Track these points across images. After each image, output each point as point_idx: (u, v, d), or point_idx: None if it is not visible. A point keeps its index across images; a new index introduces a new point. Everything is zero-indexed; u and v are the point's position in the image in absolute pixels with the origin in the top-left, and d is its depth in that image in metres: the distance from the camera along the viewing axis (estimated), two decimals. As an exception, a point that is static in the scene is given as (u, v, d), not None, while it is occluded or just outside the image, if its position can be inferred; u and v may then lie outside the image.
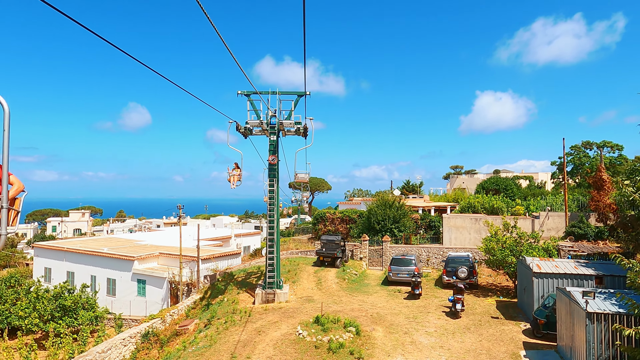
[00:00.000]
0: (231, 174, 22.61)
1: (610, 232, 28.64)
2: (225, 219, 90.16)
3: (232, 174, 22.62)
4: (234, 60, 12.93)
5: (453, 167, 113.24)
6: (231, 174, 22.60)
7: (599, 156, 36.62)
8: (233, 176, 22.53)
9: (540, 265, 19.03)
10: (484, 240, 24.48)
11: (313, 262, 30.51)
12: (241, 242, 49.31)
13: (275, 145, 23.48)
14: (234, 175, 22.57)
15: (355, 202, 57.46)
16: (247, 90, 23.73)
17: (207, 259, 31.34)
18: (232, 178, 22.52)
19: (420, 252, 31.44)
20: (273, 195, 22.91)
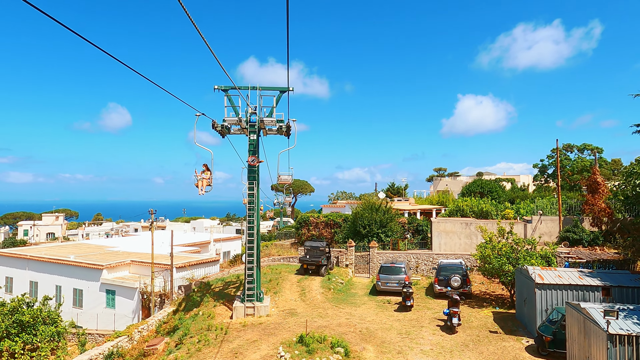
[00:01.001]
0: (199, 177, 19.95)
1: (605, 237, 27.58)
2: (206, 222, 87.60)
3: (200, 177, 19.93)
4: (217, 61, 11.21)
5: (436, 169, 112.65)
6: (199, 178, 19.90)
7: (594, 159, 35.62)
8: (202, 180, 19.85)
9: (542, 275, 17.60)
10: (479, 247, 23.02)
11: (296, 270, 28.67)
12: (221, 247, 47.18)
13: (255, 145, 21.60)
14: (203, 179, 19.92)
15: (339, 205, 55.87)
16: (224, 85, 21.84)
17: (182, 267, 29.21)
18: (200, 182, 19.80)
19: (409, 259, 29.90)
20: (253, 199, 21.01)
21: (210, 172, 20.25)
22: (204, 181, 19.94)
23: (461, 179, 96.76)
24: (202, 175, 20.03)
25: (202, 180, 19.91)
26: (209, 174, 20.18)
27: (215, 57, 11.65)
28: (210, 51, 10.68)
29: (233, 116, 21.15)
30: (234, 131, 22.59)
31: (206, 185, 20.01)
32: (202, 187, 19.88)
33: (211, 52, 10.63)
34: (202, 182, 19.90)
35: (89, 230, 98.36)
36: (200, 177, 19.95)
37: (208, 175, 20.13)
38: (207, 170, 20.24)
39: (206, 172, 20.17)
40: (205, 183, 19.98)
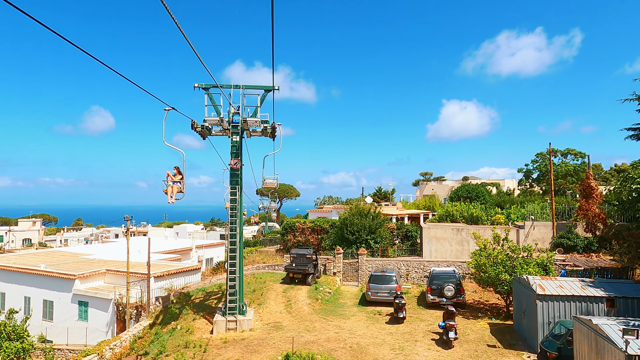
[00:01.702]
0: (169, 182, 17.29)
1: (600, 243, 26.86)
2: (189, 227, 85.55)
3: (169, 182, 17.25)
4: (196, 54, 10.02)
5: (422, 173, 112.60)
6: (169, 183, 17.23)
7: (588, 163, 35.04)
8: (171, 186, 17.19)
9: (543, 285, 16.60)
10: (473, 254, 22.01)
11: (281, 279, 27.31)
12: (203, 253, 45.47)
13: (238, 147, 20.26)
14: (173, 185, 17.30)
15: (326, 210, 54.66)
16: (206, 83, 20.48)
17: (160, 277, 27.59)
18: (170, 188, 17.14)
19: (399, 266, 28.79)
20: (235, 205, 19.65)
21: (182, 176, 17.73)
22: (174, 188, 17.37)
23: (447, 184, 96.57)
24: (172, 180, 17.50)
25: (171, 186, 17.35)
26: (180, 178, 17.67)
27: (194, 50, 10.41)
28: (189, 44, 9.43)
29: (214, 116, 19.79)
30: (216, 132, 21.25)
31: (177, 191, 17.44)
32: (172, 194, 17.24)
33: (190, 45, 9.38)
34: (172, 188, 17.31)
35: (67, 236, 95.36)
36: (169, 183, 17.40)
37: (179, 178, 17.64)
38: (178, 173, 17.77)
39: (177, 176, 17.66)
40: (176, 189, 17.43)
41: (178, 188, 17.52)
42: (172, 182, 17.34)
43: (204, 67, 12.44)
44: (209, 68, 14.34)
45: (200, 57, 11.64)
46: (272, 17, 10.33)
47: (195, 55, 10.75)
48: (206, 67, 12.63)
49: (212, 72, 19.07)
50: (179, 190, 17.56)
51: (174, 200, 17.27)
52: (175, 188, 17.41)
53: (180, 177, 17.67)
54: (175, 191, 17.42)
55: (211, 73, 13.60)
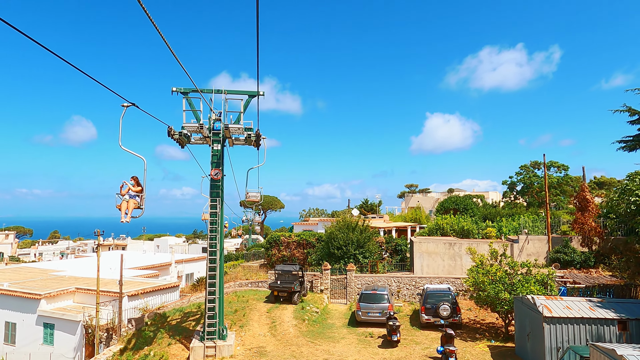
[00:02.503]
0: (124, 196, 13.89)
1: (597, 258, 25.92)
2: (170, 240, 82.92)
3: (125, 197, 13.86)
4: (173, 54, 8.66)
5: (408, 185, 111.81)
6: (124, 197, 13.85)
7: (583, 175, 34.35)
8: (127, 201, 13.76)
9: (550, 307, 15.36)
10: (470, 271, 20.75)
11: (265, 297, 25.64)
12: (183, 269, 43.38)
13: (219, 156, 18.76)
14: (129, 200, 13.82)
15: (311, 222, 53.14)
16: (185, 87, 19.01)
17: (134, 295, 25.63)
18: (125, 204, 13.71)
19: (390, 283, 27.38)
20: (216, 218, 18.05)
21: (142, 189, 14.24)
22: (131, 202, 13.75)
23: (432, 196, 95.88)
24: (127, 194, 13.91)
25: (127, 201, 13.77)
26: (139, 190, 14.18)
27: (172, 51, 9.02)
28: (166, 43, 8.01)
29: (194, 122, 18.27)
30: (195, 140, 19.71)
31: (134, 207, 13.89)
32: (128, 210, 13.62)
33: (167, 45, 7.95)
34: (128, 203, 13.68)
35: (42, 250, 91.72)
36: (125, 198, 13.83)
37: (139, 190, 14.15)
38: (137, 185, 14.35)
39: (136, 187, 14.21)
40: (133, 205, 13.83)
41: (136, 203, 14.01)
42: (128, 196, 13.97)
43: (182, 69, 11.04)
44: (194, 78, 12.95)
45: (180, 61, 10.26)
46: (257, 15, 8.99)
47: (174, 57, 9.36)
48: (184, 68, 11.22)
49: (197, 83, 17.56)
50: (136, 206, 14.07)
51: (129, 219, 13.73)
52: (132, 203, 13.85)
53: (139, 190, 14.33)
54: (132, 207, 13.88)
55: (190, 76, 12.20)
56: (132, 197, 13.89)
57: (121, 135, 11.02)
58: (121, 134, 11.02)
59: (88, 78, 8.67)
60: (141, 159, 12.90)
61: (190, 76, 12.40)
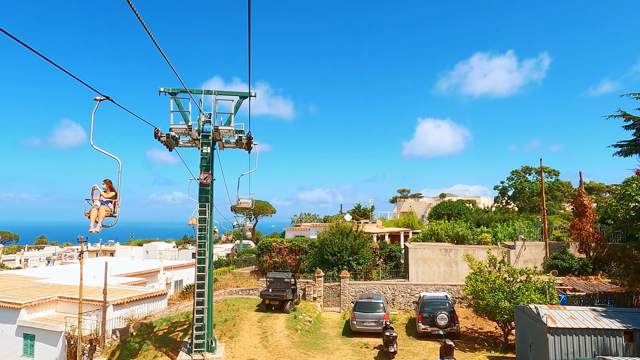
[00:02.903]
0: (95, 202, 12.05)
1: (595, 264, 25.44)
2: (160, 245, 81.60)
3: (96, 203, 12.02)
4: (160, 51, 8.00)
5: (400, 190, 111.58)
6: (95, 204, 12.01)
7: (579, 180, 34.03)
8: (97, 208, 11.89)
9: (553, 317, 14.75)
10: (468, 279, 20.13)
11: (257, 306, 24.80)
12: (172, 275, 42.33)
13: (209, 159, 17.97)
14: (100, 206, 11.95)
15: (303, 228, 52.27)
16: (173, 87, 18.24)
17: (120, 305, 24.62)
18: (94, 211, 11.84)
19: (384, 290, 26.69)
20: (205, 225, 17.23)
21: (116, 194, 12.32)
22: (103, 209, 11.86)
23: (424, 200, 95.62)
24: (98, 200, 12.06)
25: (97, 208, 11.90)
26: (113, 196, 12.30)
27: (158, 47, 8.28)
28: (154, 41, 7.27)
29: (182, 124, 17.49)
30: (184, 143, 18.93)
31: (106, 215, 11.95)
32: (99, 218, 11.74)
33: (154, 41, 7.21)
34: (99, 210, 11.80)
35: (28, 255, 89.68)
36: (96, 203, 11.99)
37: (112, 196, 12.27)
38: (110, 189, 12.51)
39: (108, 192, 12.37)
40: (105, 212, 11.91)
41: (108, 210, 12.06)
42: (99, 202, 12.07)
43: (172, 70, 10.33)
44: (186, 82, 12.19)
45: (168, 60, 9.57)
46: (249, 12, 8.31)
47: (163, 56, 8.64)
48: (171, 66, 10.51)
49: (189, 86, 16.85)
50: (108, 213, 12.09)
51: (99, 228, 11.79)
52: (103, 210, 11.89)
53: (112, 195, 12.44)
54: (103, 215, 11.88)
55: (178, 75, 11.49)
56: (104, 204, 12.11)
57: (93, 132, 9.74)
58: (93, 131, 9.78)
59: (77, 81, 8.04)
60: (115, 160, 11.22)
61: (180, 77, 11.69)
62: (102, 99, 8.88)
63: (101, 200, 12.00)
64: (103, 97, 8.85)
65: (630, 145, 31.80)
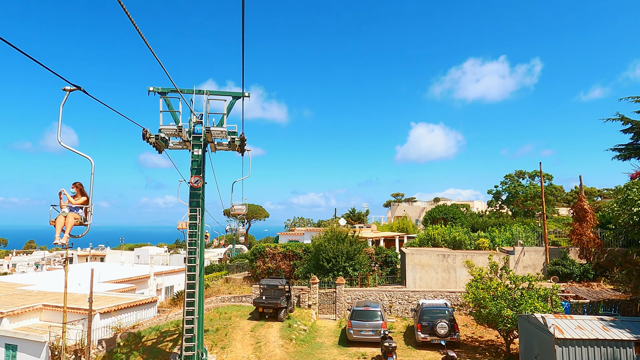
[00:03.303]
0: (62, 209, 10.47)
1: (596, 270, 24.92)
2: (151, 250, 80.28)
3: (63, 210, 10.44)
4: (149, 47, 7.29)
5: (394, 194, 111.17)
6: (62, 210, 10.43)
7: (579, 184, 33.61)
8: (65, 216, 10.22)
9: (561, 327, 14.12)
10: (469, 286, 19.48)
11: (250, 314, 23.99)
12: (163, 281, 41.26)
13: (200, 162, 17.20)
14: (68, 214, 10.28)
15: (297, 232, 51.53)
16: (162, 87, 17.46)
17: (107, 313, 23.66)
18: (61, 219, 10.18)
19: (381, 297, 25.98)
20: (196, 230, 16.43)
21: (88, 199, 10.53)
22: (71, 217, 10.19)
23: (418, 205, 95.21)
24: (66, 206, 10.51)
25: (64, 215, 10.28)
26: (83, 201, 10.70)
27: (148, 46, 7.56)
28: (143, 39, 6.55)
29: (172, 125, 16.69)
30: (174, 145, 18.15)
31: (74, 223, 10.27)
32: (66, 227, 10.07)
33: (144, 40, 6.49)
34: (67, 219, 10.16)
35: (16, 260, 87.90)
36: (64, 210, 10.43)
37: (82, 202, 10.67)
38: (80, 194, 10.86)
39: (78, 197, 10.75)
40: (73, 220, 10.23)
41: (77, 218, 10.35)
42: (67, 209, 10.48)
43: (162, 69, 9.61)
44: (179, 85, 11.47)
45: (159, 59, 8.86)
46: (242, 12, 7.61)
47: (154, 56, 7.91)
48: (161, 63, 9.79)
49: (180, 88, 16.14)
50: (78, 221, 10.41)
51: (65, 239, 10.13)
52: (71, 218, 10.19)
53: (83, 201, 10.84)
54: (71, 223, 10.16)
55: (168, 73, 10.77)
56: (73, 211, 10.45)
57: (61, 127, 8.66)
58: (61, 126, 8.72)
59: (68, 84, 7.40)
60: (88, 159, 9.65)
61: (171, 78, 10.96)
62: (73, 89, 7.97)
63: (69, 207, 10.52)
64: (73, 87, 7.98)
65: (629, 148, 31.47)
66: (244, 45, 10.57)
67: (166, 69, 10.44)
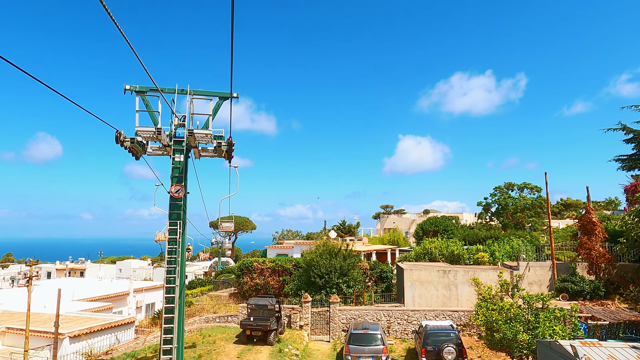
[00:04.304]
0: None
1: (607, 287, 23.42)
2: (134, 263, 77.22)
3: None
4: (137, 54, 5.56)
5: (383, 206, 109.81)
6: None
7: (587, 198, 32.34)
8: None
9: (591, 357, 12.44)
10: (478, 307, 17.75)
11: (236, 337, 21.92)
12: (143, 298, 38.81)
13: (182, 169, 15.31)
14: None
15: (286, 246, 49.48)
16: (141, 85, 15.62)
17: (77, 337, 21.38)
18: None
19: (379, 316, 24.14)
20: (175, 247, 14.45)
21: None
22: None
23: (407, 217, 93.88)
24: None
25: None
26: None
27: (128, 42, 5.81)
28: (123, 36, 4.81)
29: (151, 127, 14.83)
30: (154, 150, 16.29)
31: None
32: None
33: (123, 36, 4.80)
34: None
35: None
36: None
37: None
38: None
39: None
40: None
41: None
42: None
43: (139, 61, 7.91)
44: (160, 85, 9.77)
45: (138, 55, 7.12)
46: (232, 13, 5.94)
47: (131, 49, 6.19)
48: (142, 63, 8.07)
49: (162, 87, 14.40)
50: None
51: None
52: None
53: None
54: None
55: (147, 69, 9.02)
56: None
57: None
58: None
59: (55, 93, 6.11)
60: None
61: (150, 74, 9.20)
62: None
63: None
64: None
65: (632, 159, 30.36)
66: (233, 35, 8.89)
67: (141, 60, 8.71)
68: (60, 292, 19.64)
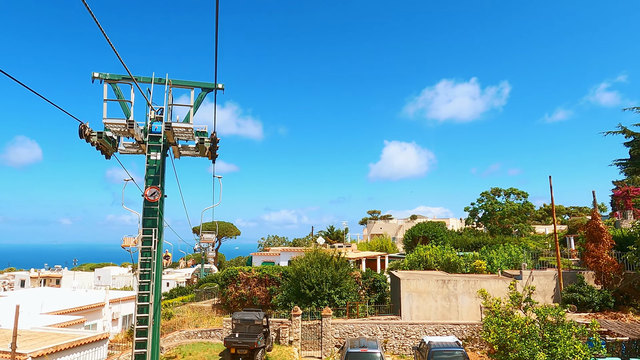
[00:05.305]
0: None
1: (616, 298, 22.06)
2: (114, 270, 74.25)
3: None
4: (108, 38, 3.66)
5: (370, 212, 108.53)
6: None
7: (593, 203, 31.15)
8: None
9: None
10: (489, 322, 16.11)
11: (219, 355, 19.93)
12: (120, 309, 36.31)
13: (159, 169, 13.36)
14: None
15: (272, 253, 47.47)
16: (112, 73, 13.66)
17: (40, 357, 19.08)
18: None
19: (375, 330, 22.39)
20: (150, 259, 12.48)
21: None
22: None
23: (394, 222, 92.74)
24: None
25: None
26: None
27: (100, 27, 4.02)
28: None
29: (122, 119, 12.86)
30: (127, 147, 14.28)
31: None
32: None
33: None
34: None
35: (-40, 282, 79.88)
36: None
37: None
38: None
39: None
40: None
41: None
42: None
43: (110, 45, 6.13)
44: None
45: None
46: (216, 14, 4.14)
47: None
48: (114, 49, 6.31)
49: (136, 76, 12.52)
50: None
51: None
52: None
53: None
54: None
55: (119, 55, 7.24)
56: None
57: None
58: None
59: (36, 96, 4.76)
60: None
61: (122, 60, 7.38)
62: None
63: None
64: None
65: (635, 163, 29.31)
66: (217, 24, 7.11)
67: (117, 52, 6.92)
68: (18, 308, 17.34)
